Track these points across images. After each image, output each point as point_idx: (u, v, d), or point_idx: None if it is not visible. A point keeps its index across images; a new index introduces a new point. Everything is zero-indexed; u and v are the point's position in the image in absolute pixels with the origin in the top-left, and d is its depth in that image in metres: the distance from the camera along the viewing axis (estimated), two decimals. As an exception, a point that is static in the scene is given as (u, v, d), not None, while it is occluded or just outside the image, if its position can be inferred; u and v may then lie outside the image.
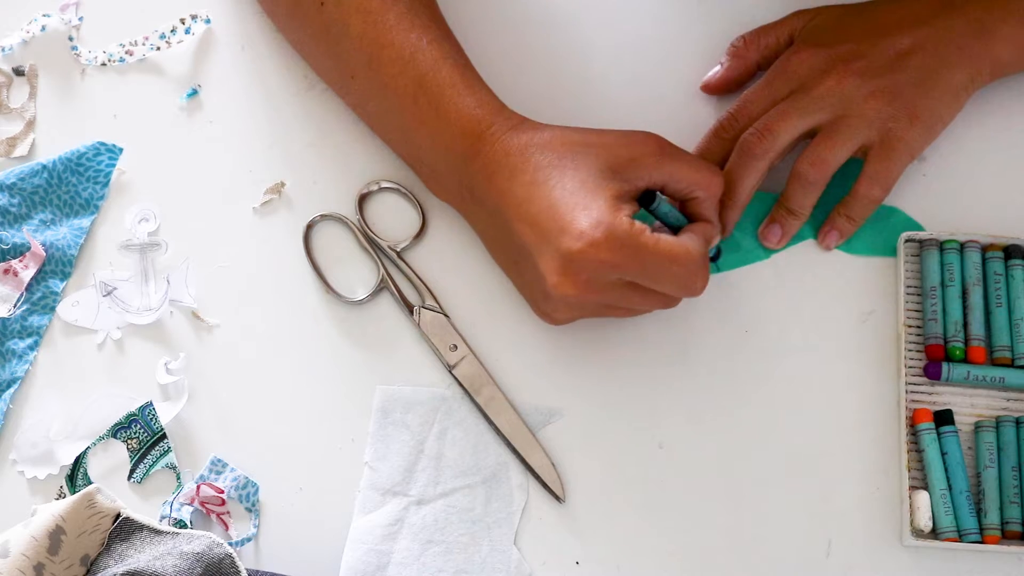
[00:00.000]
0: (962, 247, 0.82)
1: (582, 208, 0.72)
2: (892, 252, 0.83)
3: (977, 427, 0.79)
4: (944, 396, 0.80)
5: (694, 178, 0.76)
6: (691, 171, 0.76)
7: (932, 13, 0.80)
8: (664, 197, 0.76)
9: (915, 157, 0.81)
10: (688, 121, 0.85)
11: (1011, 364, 0.80)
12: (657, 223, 0.78)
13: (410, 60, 0.79)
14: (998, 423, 0.79)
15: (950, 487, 0.78)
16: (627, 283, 0.74)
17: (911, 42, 0.80)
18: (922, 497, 0.77)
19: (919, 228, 0.83)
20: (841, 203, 0.82)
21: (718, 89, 0.86)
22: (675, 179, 0.76)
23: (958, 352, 0.80)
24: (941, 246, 0.82)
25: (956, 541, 0.77)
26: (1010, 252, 0.81)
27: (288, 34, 0.87)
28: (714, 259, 0.83)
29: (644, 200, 0.75)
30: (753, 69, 0.85)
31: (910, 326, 0.81)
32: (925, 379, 0.80)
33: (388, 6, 0.80)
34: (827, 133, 0.79)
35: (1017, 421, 0.79)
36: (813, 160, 0.79)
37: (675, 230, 0.77)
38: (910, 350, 0.81)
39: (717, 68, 0.86)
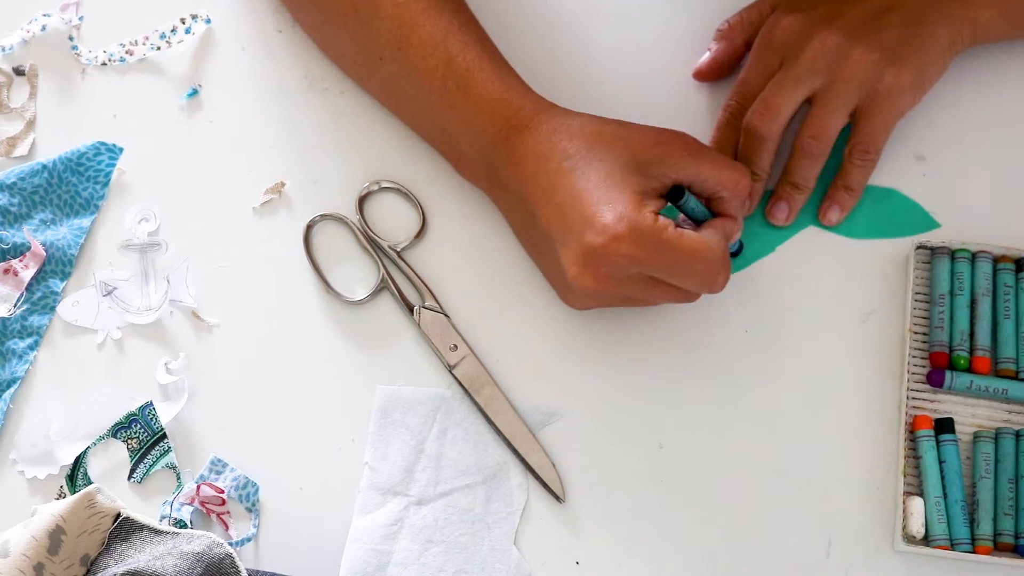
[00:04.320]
0: (973, 257, 0.81)
1: (606, 201, 0.73)
2: (892, 234, 0.83)
3: (976, 437, 0.79)
4: (945, 404, 0.80)
5: (720, 178, 0.76)
6: (718, 171, 0.76)
7: None
8: (691, 194, 0.77)
9: (904, 112, 0.81)
10: (685, 112, 0.85)
11: (1015, 376, 0.80)
12: (682, 217, 0.78)
13: (441, 43, 0.79)
14: (997, 434, 0.79)
15: (945, 495, 0.77)
16: (647, 277, 0.74)
17: (889, 3, 0.80)
18: (916, 503, 0.77)
19: (919, 209, 0.83)
20: (837, 175, 0.83)
21: (709, 74, 0.86)
22: (702, 179, 0.76)
23: (962, 361, 0.80)
24: (952, 255, 0.81)
25: (947, 549, 0.77)
26: (1022, 265, 0.81)
27: (309, 16, 0.86)
28: (735, 254, 0.83)
29: (672, 195, 0.76)
30: (742, 49, 0.85)
31: (916, 332, 0.81)
32: (927, 386, 0.80)
33: None
34: (820, 101, 0.80)
35: (1017, 434, 0.79)
36: (813, 132, 0.80)
37: (700, 223, 0.78)
38: (914, 356, 0.81)
39: (706, 54, 0.86)
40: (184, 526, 0.77)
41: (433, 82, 0.79)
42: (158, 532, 0.73)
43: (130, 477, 0.80)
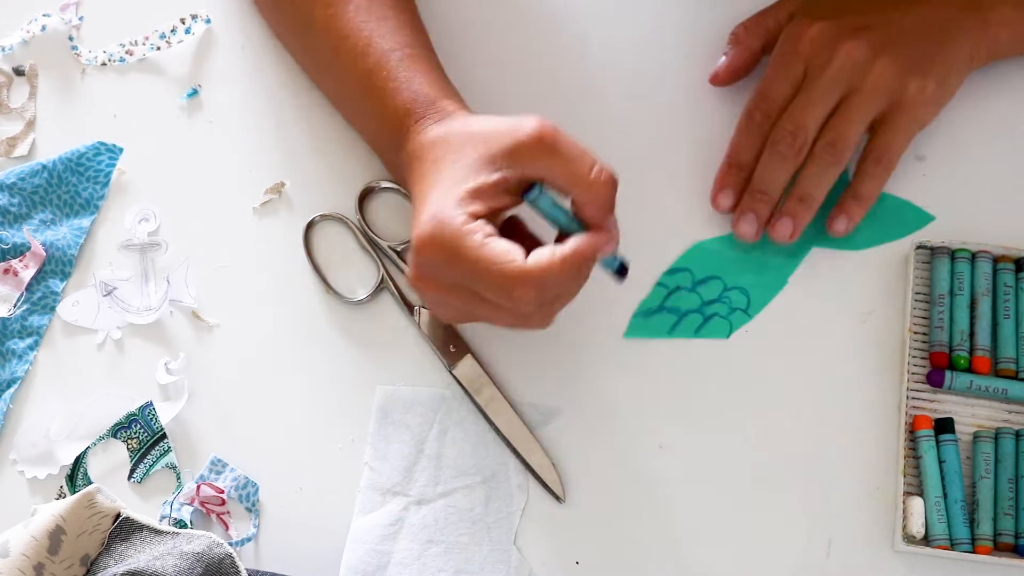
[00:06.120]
0: (973, 257, 0.81)
1: (431, 203, 0.70)
2: (891, 237, 0.83)
3: (976, 437, 0.79)
4: (945, 404, 0.80)
5: (569, 175, 0.70)
6: (568, 167, 0.70)
7: None
8: (548, 193, 0.71)
9: (925, 123, 0.81)
10: (694, 117, 0.85)
11: (1015, 376, 0.80)
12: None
13: (363, 53, 0.79)
14: (997, 434, 0.79)
15: (945, 495, 0.77)
16: (470, 288, 0.70)
17: (913, 18, 0.80)
18: (916, 503, 0.77)
19: (910, 206, 0.83)
20: (849, 185, 0.82)
21: (726, 79, 0.85)
22: (552, 174, 0.70)
23: (962, 361, 0.79)
24: (952, 254, 0.81)
25: (947, 549, 0.76)
26: (1022, 264, 0.81)
27: (273, 28, 0.87)
28: (620, 274, 0.74)
29: (527, 192, 0.71)
30: (758, 54, 0.85)
31: (916, 332, 0.81)
32: (927, 386, 0.80)
33: None
34: (842, 111, 0.79)
35: (1017, 434, 0.79)
36: (831, 139, 0.79)
37: (564, 233, 0.72)
38: (914, 356, 0.81)
39: (722, 59, 0.86)
40: (184, 526, 0.77)
41: (356, 92, 0.80)
42: (158, 532, 0.73)
43: (130, 477, 0.80)
